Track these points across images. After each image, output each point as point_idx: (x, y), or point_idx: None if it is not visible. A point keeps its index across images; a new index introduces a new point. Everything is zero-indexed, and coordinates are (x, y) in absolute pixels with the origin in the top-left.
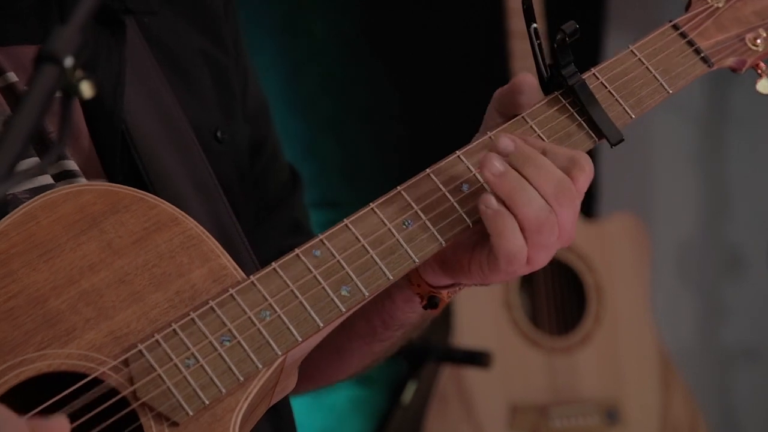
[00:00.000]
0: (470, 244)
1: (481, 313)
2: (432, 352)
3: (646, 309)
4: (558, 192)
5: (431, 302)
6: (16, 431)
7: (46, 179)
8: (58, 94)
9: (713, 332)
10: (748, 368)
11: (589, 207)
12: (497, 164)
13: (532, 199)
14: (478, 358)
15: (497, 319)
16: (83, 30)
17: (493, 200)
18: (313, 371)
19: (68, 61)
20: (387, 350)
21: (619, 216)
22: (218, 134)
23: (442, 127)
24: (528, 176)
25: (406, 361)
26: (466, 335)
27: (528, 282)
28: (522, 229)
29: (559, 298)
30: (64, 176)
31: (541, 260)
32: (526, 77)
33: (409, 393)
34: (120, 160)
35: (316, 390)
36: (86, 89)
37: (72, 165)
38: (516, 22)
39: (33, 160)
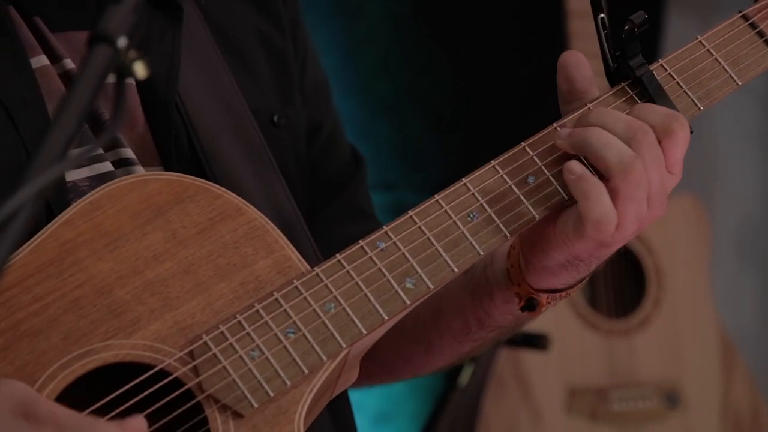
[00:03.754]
0: (553, 213)
1: None
2: None
3: (706, 291)
4: (639, 137)
5: (529, 304)
6: None
7: (106, 166)
8: (112, 78)
9: None
10: None
11: None
12: (567, 129)
13: (611, 142)
14: (536, 341)
15: None
16: (137, 10)
17: (576, 165)
18: (397, 365)
19: (122, 41)
20: (475, 351)
21: (680, 197)
22: (275, 118)
23: (498, 108)
24: (603, 124)
25: None
26: None
27: None
28: (609, 183)
29: (617, 281)
30: (121, 164)
31: (630, 225)
32: (564, 58)
33: (465, 375)
34: (177, 147)
35: (394, 382)
36: (140, 70)
37: (129, 153)
38: (576, 1)
39: (87, 147)
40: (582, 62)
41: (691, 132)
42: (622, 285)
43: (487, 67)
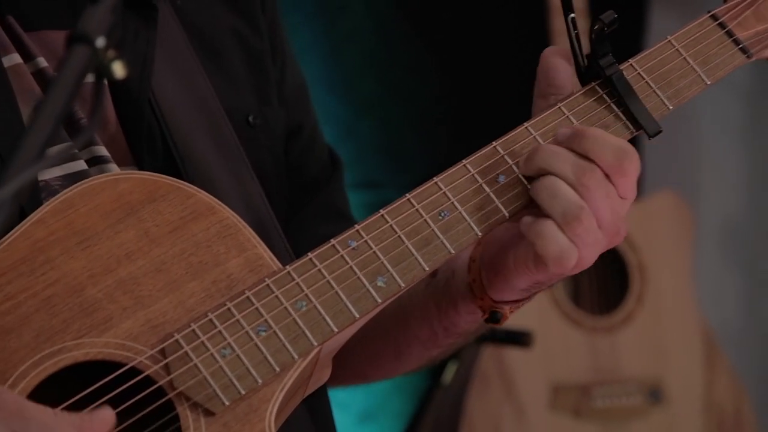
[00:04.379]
0: (512, 244)
1: None
2: None
3: (689, 288)
4: (586, 181)
5: (493, 317)
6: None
7: (80, 165)
8: (90, 78)
9: (758, 311)
10: None
11: None
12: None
13: (557, 192)
14: (519, 338)
15: (538, 298)
16: (115, 10)
17: (527, 217)
18: (368, 368)
19: (100, 41)
20: (445, 354)
21: (662, 194)
22: (250, 119)
23: (483, 106)
24: (550, 167)
25: None
26: None
27: None
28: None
29: (601, 278)
30: (95, 162)
31: (587, 257)
32: (549, 52)
33: (449, 373)
34: (149, 146)
35: (367, 384)
36: (118, 70)
37: (103, 150)
38: None
39: (65, 145)
40: (566, 57)
41: (660, 132)
42: (605, 282)
43: (470, 65)
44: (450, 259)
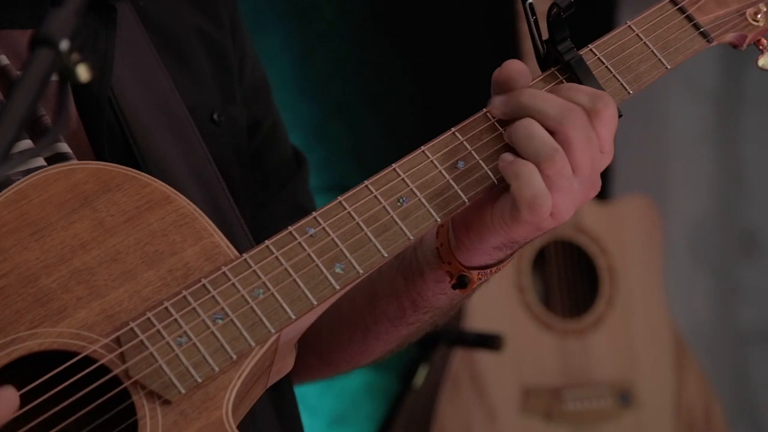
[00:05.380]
0: (490, 199)
1: (492, 296)
2: (443, 335)
3: (659, 291)
4: (571, 118)
5: (461, 281)
6: None
7: (39, 161)
8: (54, 78)
9: (727, 314)
10: (763, 349)
11: (602, 188)
12: (497, 103)
13: (533, 133)
14: (490, 341)
15: (509, 301)
16: (78, 13)
17: (507, 154)
18: (336, 355)
19: (64, 44)
20: (413, 335)
21: (632, 197)
22: (215, 116)
23: (452, 109)
24: (534, 105)
25: (418, 345)
26: (477, 318)
27: (540, 264)
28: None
29: (571, 281)
30: (57, 159)
31: (563, 209)
32: (505, 66)
33: (420, 377)
34: (110, 144)
35: (336, 375)
36: (83, 73)
37: (65, 147)
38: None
39: (26, 143)
40: (523, 73)
41: (620, 116)
42: (575, 285)
43: (440, 68)
44: None
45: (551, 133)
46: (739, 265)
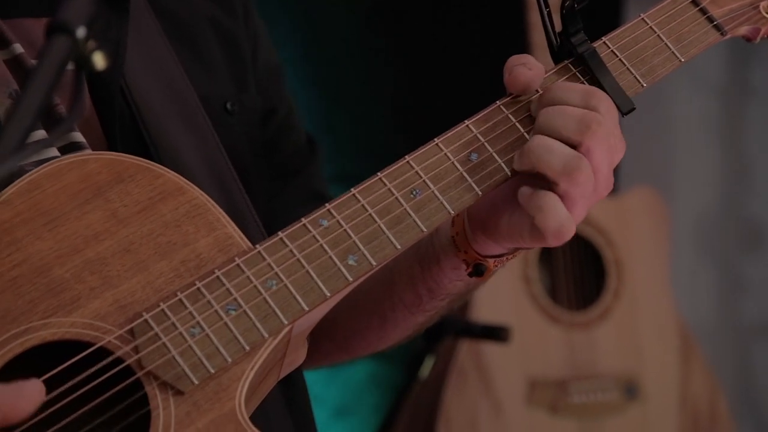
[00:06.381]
0: (506, 205)
1: (499, 288)
2: (450, 326)
3: (665, 283)
4: (582, 127)
5: (477, 270)
6: None
7: (53, 152)
8: (69, 67)
9: (733, 306)
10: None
11: None
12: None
13: (553, 147)
14: (496, 333)
15: (516, 293)
16: (94, 0)
17: (525, 187)
18: (353, 341)
19: (80, 32)
20: (429, 321)
21: (639, 190)
22: (228, 106)
23: (460, 99)
24: (544, 123)
25: (424, 336)
26: (484, 310)
27: (547, 257)
28: (558, 187)
29: (578, 273)
30: (71, 148)
31: (581, 216)
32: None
33: (426, 368)
34: (122, 133)
35: (350, 360)
36: (99, 60)
37: (79, 137)
38: None
39: (40, 133)
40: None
41: (634, 109)
42: (582, 277)
43: (447, 57)
44: None
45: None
46: (744, 258)
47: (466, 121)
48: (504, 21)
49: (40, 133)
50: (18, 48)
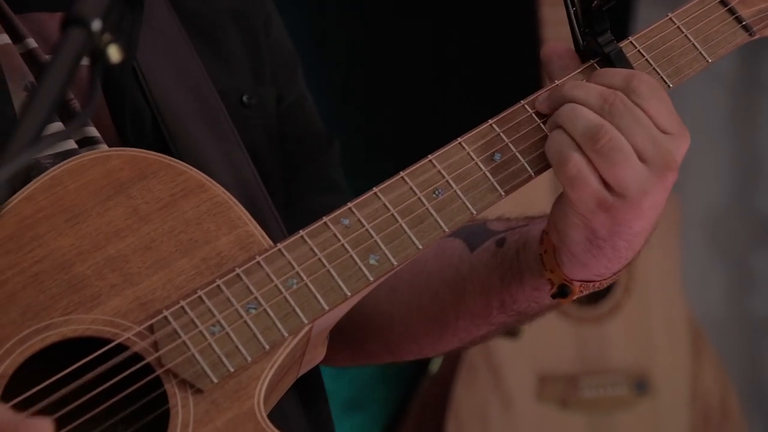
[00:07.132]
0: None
1: None
2: None
3: (676, 278)
4: (611, 101)
5: (562, 291)
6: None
7: (70, 144)
8: (84, 60)
9: (744, 302)
10: None
11: None
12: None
13: (578, 113)
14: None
15: None
16: None
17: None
18: (405, 345)
19: (96, 24)
20: (487, 337)
21: None
22: (244, 99)
23: (470, 96)
24: (575, 97)
25: None
26: None
27: None
28: (587, 155)
29: None
30: (85, 142)
31: (632, 185)
32: (548, 48)
33: (436, 363)
34: (134, 127)
35: (394, 362)
36: (114, 54)
37: (94, 131)
38: None
39: (56, 125)
40: (564, 55)
41: (670, 87)
42: None
43: (458, 53)
44: (523, 231)
45: None
46: (754, 253)
47: (489, 120)
48: (517, 18)
49: (57, 125)
50: (31, 42)
